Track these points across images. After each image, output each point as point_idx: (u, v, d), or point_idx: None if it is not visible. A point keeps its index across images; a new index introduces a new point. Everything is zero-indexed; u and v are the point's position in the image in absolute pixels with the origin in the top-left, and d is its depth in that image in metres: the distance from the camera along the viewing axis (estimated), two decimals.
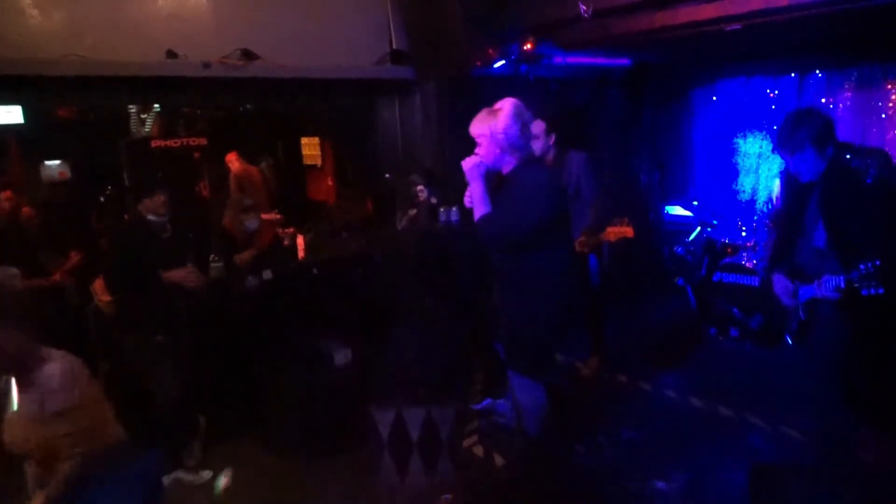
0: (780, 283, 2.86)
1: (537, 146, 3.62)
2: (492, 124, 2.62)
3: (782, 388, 3.92)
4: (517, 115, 2.62)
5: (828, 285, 2.57)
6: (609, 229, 3.94)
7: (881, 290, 2.29)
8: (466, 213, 4.77)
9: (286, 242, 4.80)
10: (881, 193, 2.52)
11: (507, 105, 2.64)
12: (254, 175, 6.80)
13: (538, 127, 3.66)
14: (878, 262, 2.29)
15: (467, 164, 2.70)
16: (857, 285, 2.38)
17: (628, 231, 3.89)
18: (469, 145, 2.77)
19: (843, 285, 2.47)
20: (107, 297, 3.77)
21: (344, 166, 7.52)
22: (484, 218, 2.64)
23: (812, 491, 2.60)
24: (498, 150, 2.64)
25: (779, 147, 2.68)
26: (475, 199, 2.69)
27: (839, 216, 2.60)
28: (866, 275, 2.33)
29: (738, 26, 3.95)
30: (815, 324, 2.79)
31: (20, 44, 3.56)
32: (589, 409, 3.97)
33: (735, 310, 4.94)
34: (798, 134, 2.58)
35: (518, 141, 2.63)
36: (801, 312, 2.81)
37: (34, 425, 2.25)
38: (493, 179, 2.78)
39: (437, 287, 4.51)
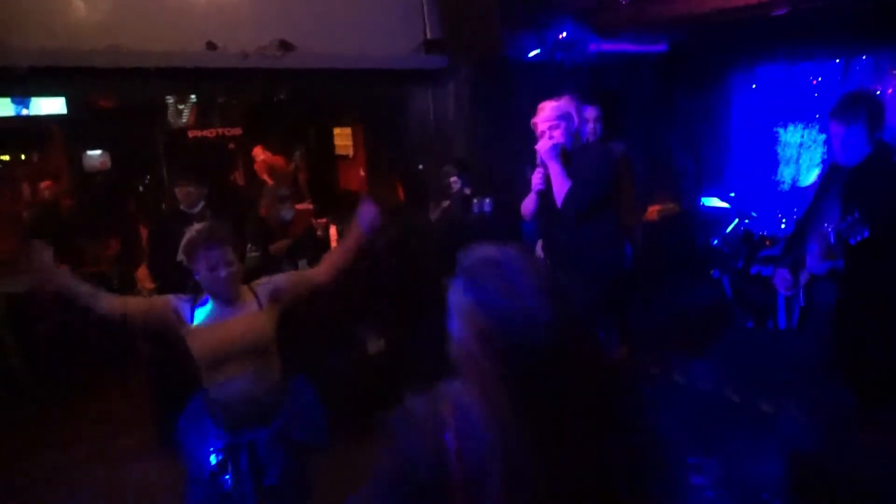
0: (779, 275, 3.00)
1: (587, 130, 3.66)
2: (571, 107, 2.96)
3: (816, 378, 3.85)
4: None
5: (819, 254, 2.67)
6: (651, 208, 3.94)
7: (866, 234, 2.40)
8: (500, 203, 4.78)
9: (319, 232, 4.84)
10: None
11: (568, 95, 3.02)
12: (280, 165, 6.87)
13: (591, 112, 3.75)
14: (856, 215, 2.42)
15: (543, 146, 2.94)
16: (845, 235, 2.47)
17: (673, 207, 3.92)
18: (502, 134, 2.81)
19: (832, 240, 2.55)
20: (150, 285, 3.86)
21: (376, 156, 7.55)
22: (570, 191, 2.92)
23: (848, 476, 2.60)
24: (573, 129, 2.98)
25: (834, 116, 2.69)
26: (556, 177, 2.94)
27: (861, 199, 2.58)
28: (851, 223, 2.43)
29: (784, 10, 3.84)
30: (814, 306, 2.86)
31: (65, 35, 3.64)
32: None
33: (773, 302, 4.84)
34: (858, 106, 2.64)
35: (584, 123, 3.10)
36: (800, 298, 2.83)
37: None
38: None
39: None
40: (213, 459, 2.23)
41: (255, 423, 2.26)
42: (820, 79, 5.54)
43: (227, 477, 2.23)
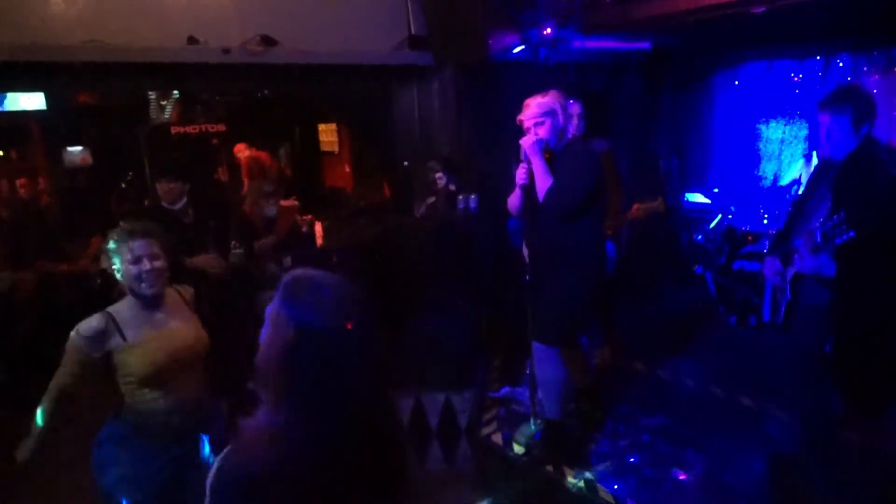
0: (770, 264, 2.98)
1: (571, 125, 3.66)
2: (556, 104, 2.97)
3: (803, 377, 3.88)
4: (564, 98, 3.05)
5: (806, 249, 2.67)
6: (635, 206, 3.96)
7: (852, 234, 2.40)
8: (484, 199, 4.78)
9: (304, 229, 4.82)
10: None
11: (554, 91, 3.04)
12: (264, 160, 6.79)
13: (576, 108, 3.73)
14: (842, 215, 2.43)
15: (527, 142, 2.97)
16: (830, 235, 2.48)
17: (659, 206, 3.94)
18: (487, 131, 2.81)
19: (819, 240, 2.55)
20: None
21: (361, 153, 7.53)
22: (552, 188, 2.92)
23: (832, 476, 2.62)
24: (558, 126, 2.98)
25: (822, 107, 2.71)
26: (539, 172, 2.95)
27: (848, 196, 2.60)
28: (837, 223, 2.44)
29: (764, 9, 3.87)
30: (800, 304, 2.85)
31: (43, 30, 3.58)
32: (605, 396, 3.97)
33: (756, 298, 4.89)
34: (845, 98, 2.65)
35: (569, 119, 3.06)
36: (787, 292, 2.85)
37: None
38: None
39: (455, 274, 4.51)
40: (159, 477, 2.07)
41: (203, 429, 2.16)
42: (801, 76, 5.61)
43: (183, 491, 2.07)
